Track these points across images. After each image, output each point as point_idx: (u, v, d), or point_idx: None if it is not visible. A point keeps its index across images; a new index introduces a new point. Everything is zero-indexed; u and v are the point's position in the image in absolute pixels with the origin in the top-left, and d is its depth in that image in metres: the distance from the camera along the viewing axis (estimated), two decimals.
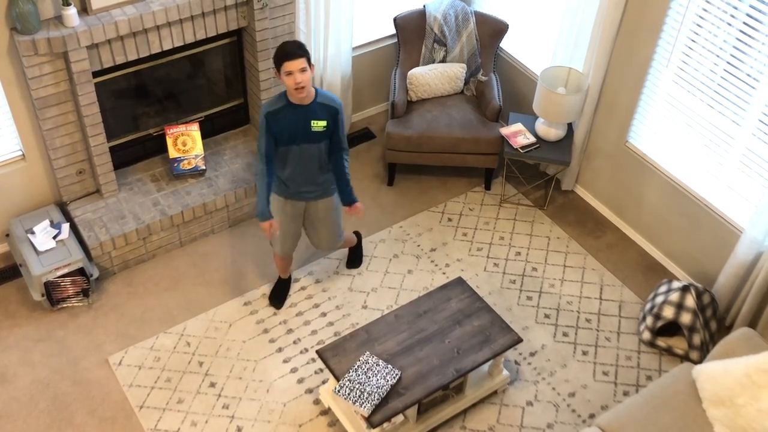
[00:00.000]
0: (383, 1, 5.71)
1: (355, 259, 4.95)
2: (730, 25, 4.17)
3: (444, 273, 4.98)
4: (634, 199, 5.15)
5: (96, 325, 4.58)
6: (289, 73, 3.79)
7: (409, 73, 5.43)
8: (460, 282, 4.30)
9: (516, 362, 4.51)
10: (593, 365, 4.52)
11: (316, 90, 4.00)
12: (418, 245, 5.15)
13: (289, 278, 4.79)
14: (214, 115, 5.29)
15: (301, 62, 3.77)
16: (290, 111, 3.95)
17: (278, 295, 4.73)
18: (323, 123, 3.99)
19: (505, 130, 5.29)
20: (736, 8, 4.10)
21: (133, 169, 5.11)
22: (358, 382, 3.74)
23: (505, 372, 4.30)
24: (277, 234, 4.32)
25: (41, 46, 4.09)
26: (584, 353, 4.58)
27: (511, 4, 5.64)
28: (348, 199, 4.25)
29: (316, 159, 4.10)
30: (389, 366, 3.83)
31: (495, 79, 5.52)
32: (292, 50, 3.77)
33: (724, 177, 4.52)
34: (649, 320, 4.53)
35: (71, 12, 4.11)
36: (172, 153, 5.01)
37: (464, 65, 5.50)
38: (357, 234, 4.93)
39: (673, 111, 4.67)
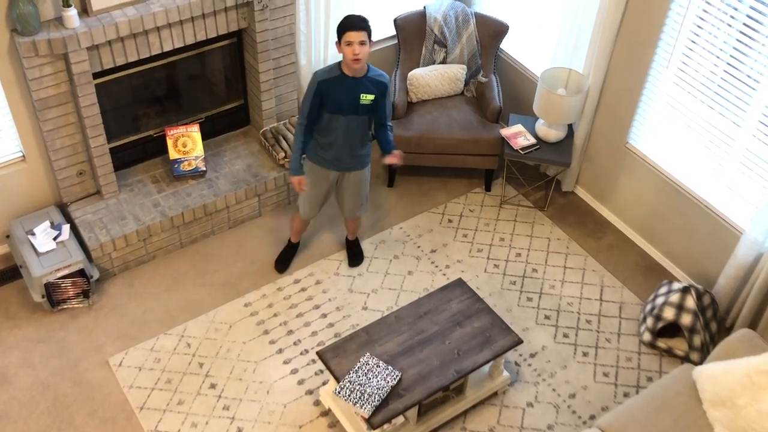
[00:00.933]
0: (383, 2, 5.71)
1: (355, 254, 4.99)
2: (730, 26, 4.17)
3: (444, 274, 4.98)
4: (634, 200, 5.15)
5: (96, 326, 4.58)
6: (349, 44, 3.92)
7: (410, 74, 5.43)
8: (460, 283, 4.30)
9: (516, 363, 4.50)
10: (594, 366, 4.52)
11: (368, 65, 4.14)
12: (419, 246, 5.15)
13: (298, 243, 4.95)
14: (215, 116, 5.29)
15: (362, 35, 3.91)
16: (343, 81, 4.10)
17: (284, 259, 4.92)
18: (372, 96, 4.15)
19: (505, 131, 5.29)
20: (736, 9, 4.10)
21: (134, 170, 5.11)
22: (359, 384, 3.74)
23: (505, 373, 4.30)
24: (305, 192, 4.47)
25: (42, 47, 4.09)
26: (584, 354, 4.58)
27: (512, 5, 5.64)
28: (389, 149, 4.43)
29: (359, 131, 4.26)
30: (389, 367, 3.83)
31: (495, 81, 5.52)
32: (355, 21, 3.92)
33: (725, 178, 4.52)
34: (650, 321, 4.53)
35: (71, 13, 4.11)
36: (173, 154, 5.01)
37: (464, 66, 5.50)
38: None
39: (673, 112, 4.67)
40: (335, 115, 4.17)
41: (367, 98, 4.14)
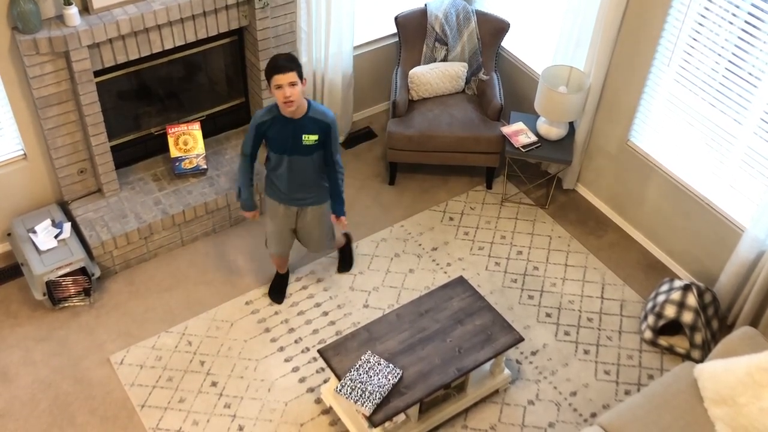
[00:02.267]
0: (384, 0, 5.70)
1: (344, 262, 4.92)
2: (731, 23, 4.16)
3: (445, 272, 4.98)
4: (635, 198, 5.14)
5: (97, 324, 4.58)
6: (279, 87, 3.76)
7: (411, 72, 5.43)
8: (461, 281, 4.30)
9: (517, 361, 4.50)
10: (595, 364, 4.52)
11: (309, 103, 3.97)
12: (420, 244, 5.15)
13: (287, 273, 4.80)
14: (216, 115, 5.29)
15: (290, 76, 3.73)
16: (281, 123, 3.95)
17: (278, 290, 4.75)
18: (314, 137, 3.98)
19: (506, 129, 5.28)
20: (737, 7, 4.09)
21: (135, 168, 5.11)
22: (360, 381, 3.74)
23: (506, 371, 4.30)
24: (268, 227, 4.39)
25: (42, 45, 4.09)
26: (586, 352, 4.58)
27: (513, 3, 5.63)
28: (337, 211, 4.27)
29: (308, 170, 4.10)
30: (391, 365, 3.83)
31: (496, 78, 5.52)
32: (282, 63, 3.73)
33: (726, 176, 4.52)
34: (651, 319, 4.53)
35: (72, 11, 4.11)
36: (174, 152, 5.01)
37: (465, 64, 5.50)
38: (347, 236, 4.90)
39: (674, 110, 4.67)
40: (280, 156, 4.02)
41: (309, 139, 3.95)
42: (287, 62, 3.75)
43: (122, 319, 4.61)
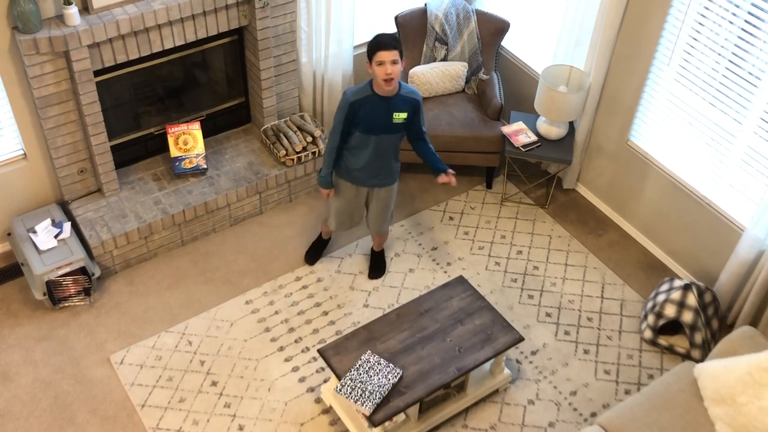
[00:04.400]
0: (384, 0, 5.70)
1: (378, 266, 4.92)
2: (731, 23, 4.16)
3: (445, 272, 4.98)
4: (635, 197, 5.14)
5: (97, 324, 4.58)
6: (381, 63, 3.87)
7: (411, 71, 5.43)
8: (461, 281, 4.30)
9: (517, 361, 4.51)
10: (595, 364, 4.52)
11: (399, 83, 4.08)
12: (420, 244, 5.15)
13: (329, 239, 4.97)
14: (216, 114, 5.29)
15: (393, 54, 3.86)
16: (375, 101, 4.04)
17: (314, 252, 4.93)
18: (404, 115, 4.09)
19: (506, 129, 5.28)
20: (737, 6, 4.09)
21: (135, 168, 5.11)
22: (360, 381, 3.74)
23: (506, 371, 4.30)
24: (332, 205, 4.51)
25: (42, 45, 4.09)
26: (586, 352, 4.58)
27: (513, 2, 5.63)
28: (442, 168, 4.33)
29: (390, 149, 4.23)
30: (391, 365, 3.83)
31: (496, 78, 5.52)
32: (387, 41, 3.87)
33: (726, 175, 4.52)
34: (651, 319, 4.53)
35: (72, 11, 4.11)
36: (174, 152, 5.01)
37: (465, 64, 5.50)
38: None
39: (674, 109, 4.67)
40: (366, 135, 4.11)
41: (400, 117, 4.08)
42: (392, 40, 3.87)
43: (122, 319, 4.61)
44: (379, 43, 3.86)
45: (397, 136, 4.18)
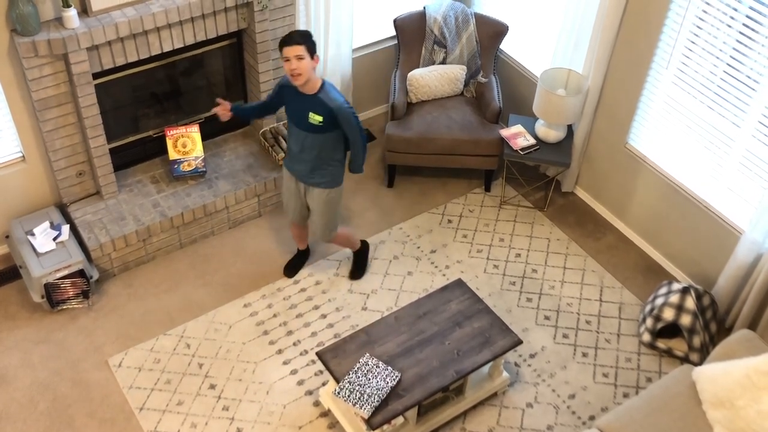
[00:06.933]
0: (383, 3, 5.71)
1: (356, 267, 4.92)
2: (729, 26, 4.17)
3: (444, 275, 4.98)
4: (634, 200, 5.15)
5: (96, 326, 4.58)
6: (287, 59, 3.90)
7: (409, 74, 5.43)
8: (460, 284, 4.30)
9: (516, 364, 4.50)
10: (593, 367, 4.52)
11: (324, 84, 4.07)
12: (418, 247, 5.15)
13: (306, 251, 4.93)
14: (214, 117, 5.29)
15: (297, 49, 3.87)
16: (296, 94, 4.09)
17: (292, 266, 4.90)
18: (320, 118, 4.07)
19: (505, 132, 5.29)
20: (735, 10, 4.10)
21: (133, 170, 5.11)
22: (358, 384, 3.74)
23: (505, 374, 4.30)
24: (282, 194, 4.53)
25: (41, 47, 4.09)
26: (584, 355, 4.58)
27: (511, 5, 5.64)
28: (355, 167, 4.38)
29: (317, 149, 4.20)
30: (389, 368, 3.83)
31: (495, 81, 5.52)
32: (291, 36, 3.89)
33: (724, 178, 4.52)
34: (649, 322, 4.53)
35: (71, 14, 4.11)
36: (172, 154, 5.01)
37: (464, 67, 5.50)
38: (364, 243, 4.91)
39: (672, 113, 4.67)
40: (293, 126, 4.18)
41: (315, 118, 4.06)
42: (297, 36, 3.89)
43: (120, 322, 4.61)
44: (284, 40, 3.88)
45: (322, 137, 4.13)
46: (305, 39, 3.90)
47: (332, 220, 4.50)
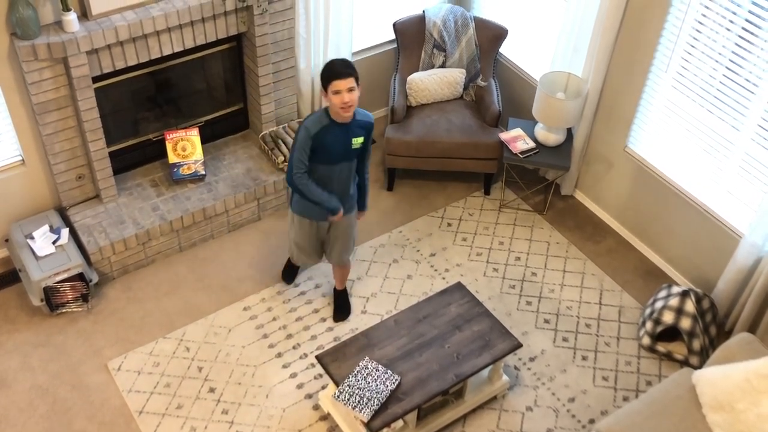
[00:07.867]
0: (383, 7, 5.72)
1: (341, 309, 4.74)
2: (729, 30, 4.17)
3: (443, 278, 4.98)
4: (633, 204, 5.15)
5: (95, 330, 4.58)
6: (337, 92, 3.71)
7: (409, 78, 5.44)
8: (459, 287, 4.30)
9: (516, 367, 4.50)
10: (593, 370, 4.51)
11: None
12: (418, 250, 5.15)
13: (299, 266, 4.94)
14: (214, 120, 5.30)
15: (349, 81, 3.70)
16: (334, 129, 3.89)
17: (290, 273, 4.87)
18: (361, 140, 3.98)
19: (504, 135, 5.29)
20: (734, 13, 4.10)
21: (133, 174, 5.11)
22: (358, 388, 3.74)
23: (504, 377, 4.29)
24: (294, 241, 4.42)
25: (41, 51, 4.09)
26: (584, 358, 4.57)
27: (511, 9, 5.65)
28: (362, 205, 4.37)
29: (349, 177, 4.11)
30: (389, 371, 3.82)
31: (494, 85, 5.53)
32: (341, 69, 3.69)
33: (724, 182, 4.52)
34: (649, 325, 4.53)
35: (71, 17, 4.11)
36: (172, 158, 5.01)
37: (464, 70, 5.51)
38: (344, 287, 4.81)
39: (672, 116, 4.68)
40: (328, 166, 3.97)
41: (357, 142, 3.95)
42: (345, 68, 3.70)
43: (120, 325, 4.61)
44: (333, 72, 3.68)
45: (354, 162, 4.06)
46: (353, 69, 3.72)
47: (355, 237, 4.47)
